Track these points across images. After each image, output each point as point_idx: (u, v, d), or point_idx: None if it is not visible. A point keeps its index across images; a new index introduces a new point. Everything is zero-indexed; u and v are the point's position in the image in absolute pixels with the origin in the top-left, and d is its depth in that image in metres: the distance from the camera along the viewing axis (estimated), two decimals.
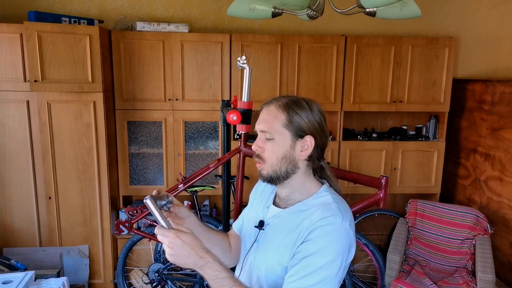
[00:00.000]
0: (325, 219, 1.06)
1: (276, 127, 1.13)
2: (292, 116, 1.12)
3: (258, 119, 1.18)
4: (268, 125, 1.14)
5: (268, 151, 1.15)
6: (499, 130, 3.01)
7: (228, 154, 2.36)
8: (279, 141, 1.13)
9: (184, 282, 3.13)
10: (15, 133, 2.91)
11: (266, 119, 1.15)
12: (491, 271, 2.51)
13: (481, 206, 3.20)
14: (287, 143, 1.13)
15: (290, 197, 1.19)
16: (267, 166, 1.16)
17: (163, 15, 3.32)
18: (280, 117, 1.13)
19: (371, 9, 1.68)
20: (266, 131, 1.14)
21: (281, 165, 1.14)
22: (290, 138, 1.13)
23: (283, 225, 1.16)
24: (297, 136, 1.13)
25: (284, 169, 1.15)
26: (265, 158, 1.16)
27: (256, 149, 1.17)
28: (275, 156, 1.14)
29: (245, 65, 2.20)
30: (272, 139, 1.13)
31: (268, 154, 1.15)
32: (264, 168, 1.16)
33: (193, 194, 2.99)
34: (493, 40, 3.55)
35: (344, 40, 3.15)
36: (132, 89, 3.08)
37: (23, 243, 3.05)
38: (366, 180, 2.59)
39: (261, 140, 1.16)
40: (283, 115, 1.13)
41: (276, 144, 1.13)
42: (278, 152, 1.14)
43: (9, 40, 2.79)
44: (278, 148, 1.14)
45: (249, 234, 1.27)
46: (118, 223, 2.63)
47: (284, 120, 1.12)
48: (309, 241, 1.05)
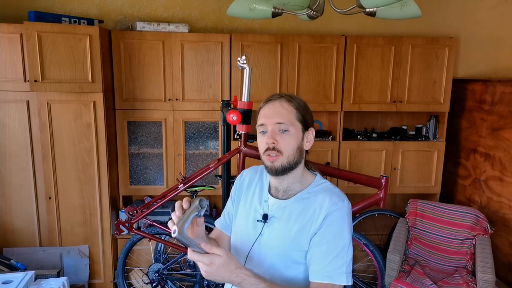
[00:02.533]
0: (336, 204, 1.17)
1: (291, 119, 1.21)
2: (301, 110, 1.23)
3: (266, 113, 1.23)
4: (285, 117, 1.20)
5: (285, 142, 1.20)
6: (499, 130, 3.01)
7: (228, 154, 2.36)
8: (294, 133, 1.21)
9: (184, 282, 3.13)
10: (15, 133, 2.91)
11: (281, 112, 1.21)
12: (491, 271, 2.51)
13: (481, 206, 3.20)
14: (300, 134, 1.22)
15: (291, 188, 1.26)
16: (283, 157, 1.20)
17: (163, 15, 3.32)
18: (293, 111, 1.21)
19: (371, 9, 1.68)
20: (284, 122, 1.19)
21: (295, 156, 1.21)
22: (301, 130, 1.23)
23: (290, 214, 1.22)
24: (304, 129, 1.24)
25: (296, 159, 1.22)
26: (282, 149, 1.19)
27: (272, 142, 1.19)
28: (291, 147, 1.20)
29: (245, 65, 2.20)
30: (287, 130, 1.20)
31: (285, 146, 1.20)
32: (279, 160, 1.20)
33: (193, 194, 2.98)
34: (493, 40, 3.55)
35: (344, 40, 3.15)
36: (132, 89, 3.08)
37: (23, 243, 3.04)
38: (366, 180, 2.59)
39: (274, 133, 1.20)
40: (294, 109, 1.22)
41: (291, 135, 1.20)
42: (294, 143, 1.21)
43: (9, 40, 2.79)
44: (293, 139, 1.21)
45: (248, 229, 1.29)
46: (118, 223, 2.64)
47: (296, 113, 1.22)
48: (327, 226, 1.16)
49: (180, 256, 3.01)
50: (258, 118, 1.25)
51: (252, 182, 1.39)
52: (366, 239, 2.95)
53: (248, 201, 1.35)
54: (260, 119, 1.25)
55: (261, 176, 1.38)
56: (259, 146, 1.27)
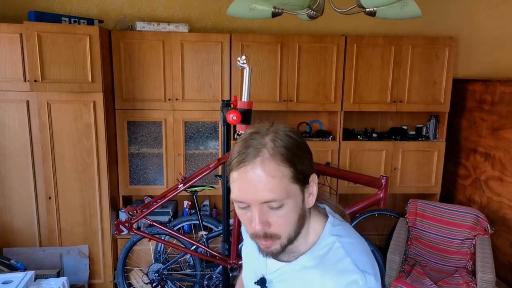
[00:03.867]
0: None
1: (286, 187, 0.82)
2: (295, 161, 0.83)
3: (242, 186, 0.82)
4: (276, 190, 0.81)
5: (281, 222, 0.84)
6: (499, 130, 3.01)
7: (228, 154, 2.36)
8: (291, 204, 0.83)
9: (184, 282, 3.13)
10: (15, 133, 2.91)
11: (270, 185, 0.80)
12: (491, 271, 2.51)
13: (481, 206, 3.20)
14: (299, 199, 0.85)
15: (294, 249, 0.91)
16: (282, 239, 0.85)
17: (163, 15, 3.32)
18: (286, 172, 0.82)
19: (371, 9, 1.68)
20: (275, 199, 0.81)
21: (297, 229, 0.87)
22: (300, 192, 0.85)
23: (288, 285, 0.93)
24: (304, 184, 0.86)
25: (299, 230, 0.88)
26: (278, 232, 0.84)
27: (262, 229, 0.83)
28: (291, 224, 0.85)
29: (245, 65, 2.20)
30: (281, 206, 0.82)
31: (283, 226, 0.84)
32: (277, 243, 0.85)
33: (193, 194, 2.98)
34: (493, 40, 3.55)
35: (344, 40, 3.15)
36: (132, 89, 3.08)
37: (23, 243, 3.04)
38: (366, 180, 2.59)
39: (263, 213, 0.83)
40: (286, 166, 0.82)
41: (289, 209, 0.83)
42: (293, 217, 0.85)
43: (9, 40, 2.79)
44: (292, 213, 0.84)
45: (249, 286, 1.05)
46: (118, 223, 2.63)
47: (292, 172, 0.82)
48: None
49: (180, 256, 3.01)
50: (231, 185, 0.85)
51: None
52: (366, 239, 2.95)
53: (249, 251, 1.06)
54: (235, 191, 0.84)
55: None
56: (242, 222, 0.89)
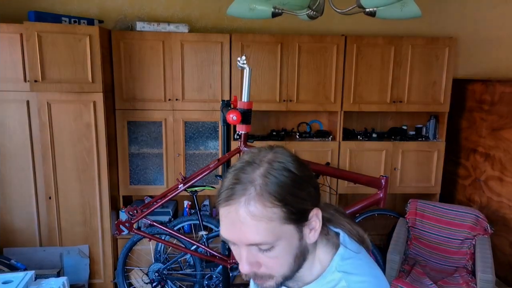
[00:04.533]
0: None
1: (274, 231, 0.74)
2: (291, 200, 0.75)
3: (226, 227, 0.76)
4: (263, 235, 0.73)
5: (272, 263, 0.78)
6: (499, 130, 3.01)
7: (228, 154, 2.36)
8: (285, 244, 0.77)
9: (184, 282, 3.13)
10: (15, 133, 2.91)
11: (256, 229, 0.73)
12: (491, 271, 2.51)
13: (481, 206, 3.20)
14: (295, 238, 0.78)
15: (298, 278, 0.85)
16: (277, 278, 0.80)
17: (163, 15, 3.32)
18: (276, 213, 0.73)
19: (371, 9, 1.68)
20: (262, 243, 0.74)
21: (294, 267, 0.80)
22: (296, 231, 0.77)
23: None
24: (302, 222, 0.78)
25: (296, 268, 0.81)
26: (271, 272, 0.79)
27: (250, 270, 0.78)
28: (285, 265, 0.79)
29: (245, 65, 2.20)
30: (272, 248, 0.75)
31: (275, 268, 0.78)
32: (272, 281, 0.80)
33: (193, 194, 2.98)
34: (493, 40, 3.55)
35: (344, 40, 3.15)
36: (132, 89, 3.08)
37: (23, 243, 3.04)
38: (366, 180, 2.59)
39: (251, 255, 0.76)
40: (277, 207, 0.73)
41: (281, 250, 0.77)
42: (289, 257, 0.78)
43: (9, 40, 2.79)
44: (285, 253, 0.78)
45: None
46: (118, 223, 2.63)
47: (283, 213, 0.74)
48: None
49: (180, 256, 3.01)
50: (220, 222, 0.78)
51: None
52: None
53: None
54: (222, 230, 0.78)
55: None
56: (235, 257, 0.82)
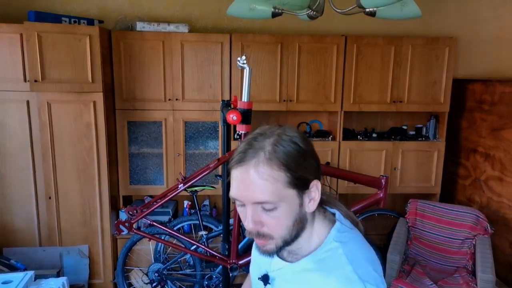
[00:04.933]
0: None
1: (279, 192, 0.83)
2: (293, 167, 0.84)
3: (238, 185, 0.85)
4: (267, 193, 0.82)
5: (273, 223, 0.86)
6: (499, 130, 3.01)
7: (228, 154, 2.36)
8: (286, 208, 0.85)
9: (184, 282, 3.13)
10: (15, 133, 2.91)
11: (262, 187, 0.82)
12: (491, 271, 2.51)
13: (481, 206, 3.20)
14: (296, 203, 0.86)
15: (297, 251, 0.94)
16: (276, 240, 0.88)
17: (163, 15, 3.32)
18: (281, 177, 0.83)
19: (371, 9, 1.68)
20: (266, 201, 0.83)
21: (292, 231, 0.88)
22: (297, 196, 0.86)
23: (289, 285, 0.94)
24: (303, 190, 0.87)
25: (295, 233, 0.89)
26: (271, 233, 0.87)
27: (254, 228, 0.86)
28: (285, 227, 0.87)
29: (245, 65, 2.20)
30: (275, 208, 0.84)
31: (275, 228, 0.86)
32: (272, 243, 0.88)
33: (193, 194, 2.98)
34: (493, 40, 3.55)
35: (344, 40, 3.15)
36: (132, 89, 3.08)
37: (23, 243, 3.04)
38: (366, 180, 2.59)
39: (256, 213, 0.85)
40: (282, 171, 0.83)
41: (283, 212, 0.85)
42: (287, 221, 0.86)
43: (9, 40, 2.79)
44: (286, 217, 0.86)
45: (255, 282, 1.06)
46: (118, 223, 2.63)
47: (285, 177, 0.83)
48: None
49: (180, 256, 3.01)
50: (231, 183, 0.88)
51: None
52: (366, 239, 2.94)
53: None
54: (232, 190, 0.87)
55: None
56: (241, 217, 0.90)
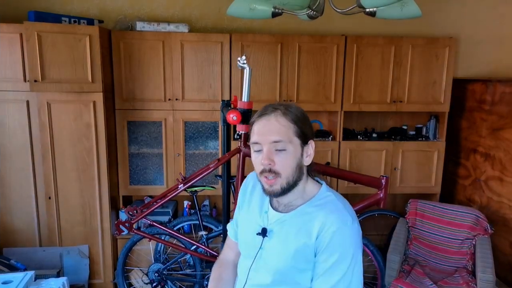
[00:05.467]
0: (339, 225, 1.09)
1: (289, 135, 1.10)
2: (299, 124, 1.12)
3: (260, 129, 1.12)
4: (282, 134, 1.09)
5: (282, 163, 1.10)
6: (499, 130, 3.01)
7: (228, 154, 2.36)
8: (292, 151, 1.11)
9: (184, 282, 3.13)
10: (15, 133, 2.91)
11: (277, 129, 1.10)
12: (491, 271, 2.51)
13: (481, 206, 3.19)
14: (299, 151, 1.12)
15: (292, 203, 1.18)
16: (282, 179, 1.11)
17: (163, 15, 3.32)
18: (290, 126, 1.11)
19: (371, 9, 1.68)
20: (281, 140, 1.09)
21: (294, 175, 1.12)
22: (300, 146, 1.13)
23: (290, 229, 1.15)
24: (304, 143, 1.13)
25: (296, 178, 1.13)
26: (280, 171, 1.10)
27: (268, 164, 1.10)
28: (290, 167, 1.11)
29: (245, 65, 2.20)
30: (284, 149, 1.10)
31: (284, 167, 1.10)
32: (278, 182, 1.11)
33: (193, 194, 2.98)
34: (493, 40, 3.55)
35: (344, 40, 3.15)
36: (132, 89, 3.08)
37: (23, 243, 3.04)
38: (366, 180, 2.59)
39: (270, 152, 1.10)
40: (292, 123, 1.11)
41: (289, 154, 1.10)
42: (292, 163, 1.11)
43: (9, 40, 2.79)
44: (292, 158, 1.11)
45: (249, 242, 1.23)
46: (118, 223, 2.64)
47: (294, 127, 1.11)
48: (329, 249, 1.09)
49: (180, 256, 3.01)
50: (251, 134, 1.15)
51: (256, 188, 1.31)
52: (366, 239, 2.95)
53: (251, 210, 1.28)
54: (254, 136, 1.14)
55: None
56: (254, 165, 1.16)
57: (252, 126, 1.15)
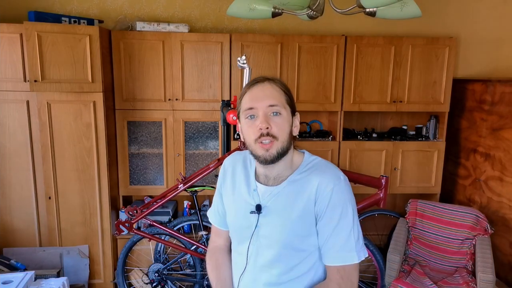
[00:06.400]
0: (335, 182, 1.14)
1: (283, 101, 1.15)
2: (288, 94, 1.18)
3: (255, 95, 1.14)
4: (277, 99, 1.13)
5: (279, 126, 1.13)
6: (499, 130, 3.01)
7: (228, 154, 2.36)
8: (286, 116, 1.15)
9: (184, 282, 3.13)
10: (15, 133, 2.91)
11: (273, 94, 1.14)
12: (491, 271, 2.51)
13: (481, 206, 3.20)
14: (290, 119, 1.16)
15: (281, 174, 1.20)
16: (279, 143, 1.13)
17: (163, 15, 3.32)
18: (283, 94, 1.16)
19: (371, 9, 1.68)
20: (277, 104, 1.13)
21: (288, 139, 1.15)
22: (290, 114, 1.17)
23: (286, 199, 1.17)
24: (292, 113, 1.18)
25: (288, 145, 1.15)
26: (277, 134, 1.12)
27: (266, 127, 1.11)
28: (285, 131, 1.14)
29: (245, 65, 2.20)
30: (280, 113, 1.13)
31: (280, 130, 1.13)
32: (275, 146, 1.12)
33: (193, 194, 2.98)
34: (493, 40, 3.55)
35: (344, 40, 3.15)
36: (132, 89, 3.08)
37: (23, 243, 3.04)
38: (366, 180, 2.60)
39: (267, 116, 1.12)
40: (284, 92, 1.16)
41: (284, 118, 1.14)
42: (287, 127, 1.15)
43: (9, 40, 2.79)
44: (286, 122, 1.15)
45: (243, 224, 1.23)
46: (118, 223, 2.64)
47: (286, 97, 1.16)
48: (330, 211, 1.13)
49: (180, 256, 3.01)
50: (243, 103, 1.16)
51: (236, 170, 1.30)
52: (366, 239, 2.95)
53: (236, 192, 1.27)
54: (248, 103, 1.15)
55: (244, 163, 1.29)
56: (246, 135, 1.17)
57: (243, 96, 1.17)
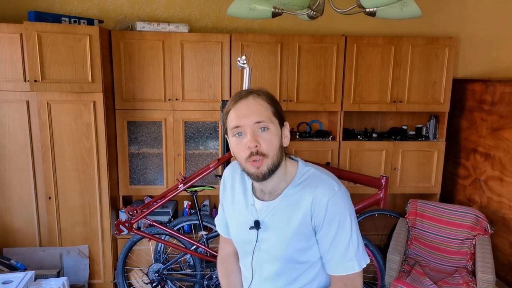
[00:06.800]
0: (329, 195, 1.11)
1: (269, 116, 1.11)
2: (275, 105, 1.14)
3: (241, 112, 1.10)
4: (263, 114, 1.09)
5: (268, 142, 1.09)
6: (499, 130, 3.01)
7: (228, 154, 2.37)
8: (274, 130, 1.11)
9: (184, 282, 3.13)
10: (15, 133, 2.91)
11: (258, 109, 1.10)
12: (491, 271, 2.51)
13: (481, 206, 3.20)
14: (279, 131, 1.13)
15: (276, 188, 1.18)
16: (269, 160, 1.10)
17: (163, 15, 3.32)
18: (268, 106, 1.12)
19: (371, 9, 1.68)
20: (263, 120, 1.09)
21: (278, 154, 1.12)
22: (279, 127, 1.13)
23: (282, 214, 1.16)
24: (281, 124, 1.15)
25: (279, 159, 1.13)
26: (266, 151, 1.09)
27: (255, 146, 1.08)
28: (274, 147, 1.11)
29: (245, 65, 2.20)
30: (268, 128, 1.10)
31: (268, 146, 1.09)
32: (265, 163, 1.09)
33: (193, 194, 2.98)
34: (493, 40, 3.55)
35: (344, 40, 3.15)
36: (132, 89, 3.08)
37: (23, 243, 3.04)
38: (366, 180, 2.60)
39: (254, 134, 1.09)
40: (270, 104, 1.12)
41: (272, 133, 1.10)
42: (276, 142, 1.11)
43: (9, 40, 2.79)
44: (275, 137, 1.11)
45: (244, 238, 1.24)
46: (118, 223, 2.64)
47: (272, 109, 1.12)
48: (328, 220, 1.11)
49: (180, 256, 3.01)
50: (229, 120, 1.12)
51: (235, 182, 1.30)
52: (366, 239, 2.95)
53: (236, 207, 1.27)
54: (234, 121, 1.11)
55: (242, 175, 1.28)
56: (236, 153, 1.14)
57: (228, 114, 1.13)
